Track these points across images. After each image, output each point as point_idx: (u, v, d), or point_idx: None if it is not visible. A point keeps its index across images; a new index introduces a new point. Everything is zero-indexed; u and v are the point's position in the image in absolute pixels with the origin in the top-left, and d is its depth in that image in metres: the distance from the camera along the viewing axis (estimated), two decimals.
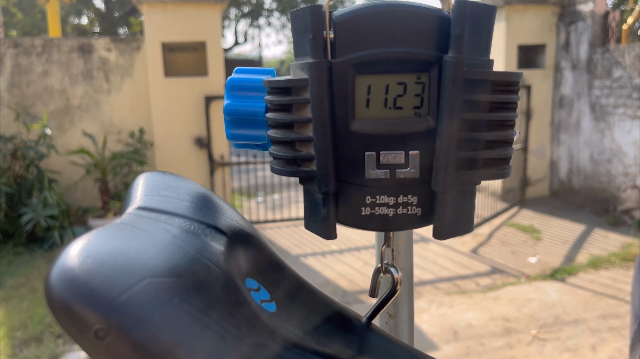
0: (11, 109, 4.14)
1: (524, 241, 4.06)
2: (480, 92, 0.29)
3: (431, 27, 0.28)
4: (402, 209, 0.30)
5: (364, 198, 0.30)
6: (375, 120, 0.29)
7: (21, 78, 4.24)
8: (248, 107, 0.33)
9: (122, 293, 0.20)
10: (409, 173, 0.29)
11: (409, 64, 0.28)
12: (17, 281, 3.12)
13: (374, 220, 0.30)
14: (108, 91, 4.37)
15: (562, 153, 5.04)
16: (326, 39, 0.28)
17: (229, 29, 17.93)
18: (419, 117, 0.29)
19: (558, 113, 5.04)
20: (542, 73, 4.99)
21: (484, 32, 0.29)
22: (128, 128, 4.37)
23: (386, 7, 0.28)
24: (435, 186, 0.29)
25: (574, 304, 2.98)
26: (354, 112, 0.29)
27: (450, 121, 0.28)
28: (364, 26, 0.28)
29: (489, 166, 0.30)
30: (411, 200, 0.30)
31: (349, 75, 0.28)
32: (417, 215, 0.30)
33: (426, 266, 3.62)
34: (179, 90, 4.25)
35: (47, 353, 2.34)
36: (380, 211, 0.30)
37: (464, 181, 0.29)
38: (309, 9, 0.28)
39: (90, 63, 4.32)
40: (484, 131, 0.29)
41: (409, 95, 0.29)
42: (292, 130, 0.30)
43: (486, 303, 3.04)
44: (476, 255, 3.83)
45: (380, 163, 0.29)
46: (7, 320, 2.62)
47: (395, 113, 0.29)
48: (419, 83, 0.29)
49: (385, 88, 0.29)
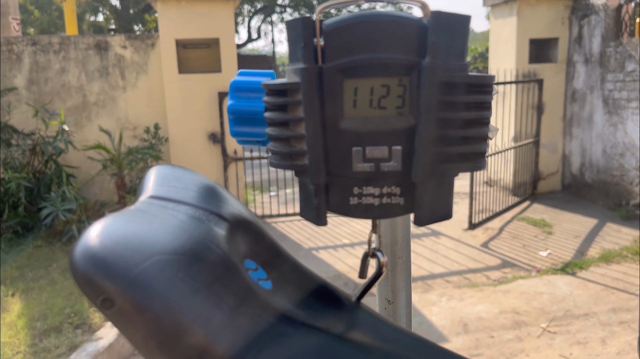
0: (30, 106, 4.24)
1: (535, 236, 4.06)
2: (455, 94, 0.32)
3: (411, 35, 0.31)
4: (387, 199, 0.33)
5: (352, 189, 0.33)
6: (361, 119, 0.32)
7: (39, 75, 4.33)
8: (249, 107, 0.38)
9: (134, 267, 0.23)
10: (392, 167, 0.32)
11: (391, 68, 0.32)
12: (37, 273, 3.21)
13: (361, 209, 0.33)
14: (124, 88, 4.45)
15: (574, 147, 5.02)
16: (317, 46, 0.31)
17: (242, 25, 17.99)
18: (401, 115, 0.32)
19: (570, 107, 5.01)
20: (554, 67, 4.97)
21: (458, 39, 0.32)
22: (143, 124, 4.44)
23: (371, 17, 0.31)
24: (415, 178, 0.32)
25: (585, 298, 2.99)
26: (342, 111, 0.32)
27: (428, 119, 0.31)
28: (351, 34, 0.31)
29: (465, 160, 0.33)
30: (394, 190, 0.33)
31: (337, 78, 0.32)
32: (400, 204, 0.33)
33: (437, 260, 3.65)
34: (192, 87, 4.31)
35: (66, 343, 2.41)
36: (367, 200, 0.33)
37: (441, 174, 0.33)
38: (301, 20, 0.31)
39: (106, 61, 4.40)
40: (459, 128, 0.33)
41: (392, 96, 0.32)
42: (287, 128, 0.34)
43: (496, 296, 3.06)
44: (487, 249, 3.84)
45: (366, 157, 0.32)
46: (27, 311, 2.71)
47: (380, 113, 0.32)
48: (400, 85, 0.32)
49: (371, 90, 0.32)
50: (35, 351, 2.34)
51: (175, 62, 4.26)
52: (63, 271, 3.22)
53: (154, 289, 0.23)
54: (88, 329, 2.54)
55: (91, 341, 2.39)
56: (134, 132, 4.47)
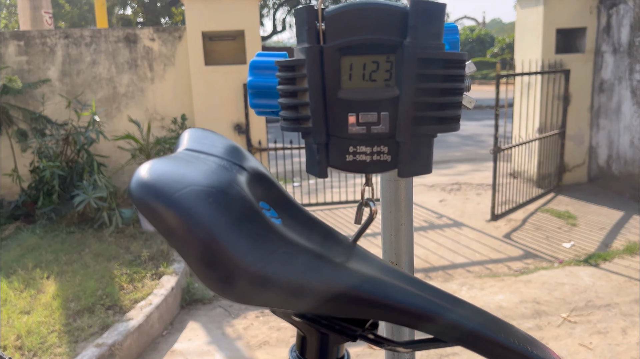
0: (63, 97, 4.39)
1: (559, 227, 4.04)
2: (431, 68, 0.38)
3: (395, 19, 0.37)
4: (376, 156, 0.39)
5: (348, 148, 0.39)
6: (355, 90, 0.38)
7: (71, 67, 4.47)
8: (265, 82, 0.45)
9: (175, 192, 0.30)
10: (380, 129, 0.38)
11: (380, 47, 0.38)
12: (70, 257, 3.35)
13: (355, 164, 0.40)
14: (152, 79, 4.57)
15: (601, 139, 4.95)
16: (319, 30, 0.38)
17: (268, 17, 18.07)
18: (388, 87, 0.38)
19: (598, 98, 4.94)
20: (581, 57, 4.90)
21: (435, 23, 0.37)
22: (171, 115, 4.56)
23: (363, 5, 0.37)
24: (399, 138, 0.38)
25: (607, 289, 2.98)
26: (339, 83, 0.38)
27: (409, 89, 0.37)
28: (347, 19, 0.37)
29: (441, 123, 0.39)
30: (383, 149, 0.39)
31: (336, 56, 0.38)
32: (387, 161, 0.39)
33: (459, 251, 3.67)
34: (218, 78, 4.39)
35: (99, 322, 2.53)
36: (360, 157, 0.40)
37: (421, 134, 0.39)
38: (306, 8, 0.38)
39: (135, 53, 4.52)
40: (436, 96, 0.38)
41: (380, 71, 0.38)
42: (295, 97, 0.40)
43: (517, 286, 3.07)
44: (509, 240, 3.85)
45: (359, 121, 0.38)
46: (61, 292, 2.84)
47: (371, 84, 0.38)
48: (388, 61, 0.38)
49: (363, 66, 0.38)
50: (69, 330, 2.46)
51: (201, 54, 4.35)
52: (95, 255, 3.35)
53: (188, 209, 0.29)
54: (119, 311, 2.66)
55: (122, 322, 2.50)
56: (162, 122, 4.59)
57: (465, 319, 0.34)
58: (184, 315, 2.87)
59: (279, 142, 4.81)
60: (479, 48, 24.07)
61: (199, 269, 0.30)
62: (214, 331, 2.70)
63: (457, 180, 5.73)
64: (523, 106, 4.90)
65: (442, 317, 0.34)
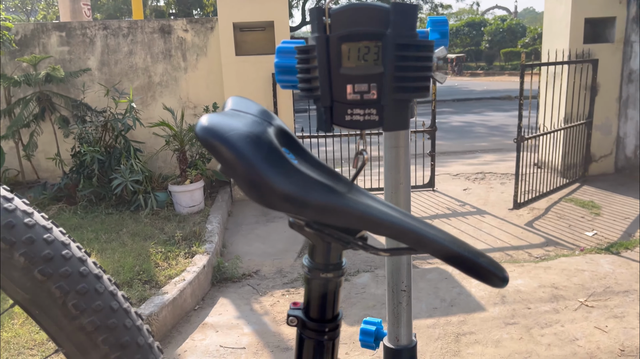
0: (102, 86, 4.61)
1: (582, 216, 4.07)
2: (406, 51, 0.51)
3: (381, 16, 0.51)
4: (367, 116, 0.54)
5: (347, 110, 0.54)
6: (352, 67, 0.52)
7: (109, 57, 4.69)
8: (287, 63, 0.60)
9: (224, 134, 0.43)
10: (370, 96, 0.52)
11: (370, 36, 0.51)
12: (109, 236, 3.57)
13: (352, 122, 0.54)
14: (185, 69, 4.75)
15: (629, 129, 4.93)
16: (325, 23, 0.52)
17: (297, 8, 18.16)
18: (376, 65, 0.52)
19: (626, 88, 4.91)
20: (610, 47, 4.87)
21: (409, 18, 0.51)
22: (203, 103, 4.74)
23: (358, 5, 0.51)
24: (384, 102, 0.52)
25: (627, 276, 3.03)
26: (340, 62, 0.52)
27: (390, 67, 0.51)
28: (346, 16, 0.51)
29: (414, 91, 0.53)
30: (372, 111, 0.53)
31: (337, 42, 0.52)
32: (375, 120, 0.54)
33: (480, 237, 3.75)
34: (248, 68, 4.55)
35: (137, 295, 2.72)
36: (356, 117, 0.54)
37: (399, 99, 0.53)
38: (317, 8, 0.52)
39: (169, 43, 4.70)
40: (410, 72, 0.52)
41: (371, 53, 0.52)
42: (309, 73, 0.55)
43: (536, 272, 3.15)
44: (531, 228, 3.90)
45: (355, 91, 0.53)
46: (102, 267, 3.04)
47: (364, 64, 0.52)
48: (376, 46, 0.51)
49: (358, 50, 0.52)
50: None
51: (232, 44, 4.50)
52: (132, 235, 3.55)
53: (234, 144, 0.43)
54: (155, 285, 2.84)
55: (158, 295, 2.68)
56: (194, 110, 4.78)
57: (430, 234, 0.46)
58: (215, 292, 3.05)
59: (306, 131, 4.94)
60: (509, 38, 23.67)
61: (242, 186, 0.43)
62: (243, 306, 2.87)
63: (482, 169, 5.78)
64: (549, 96, 4.90)
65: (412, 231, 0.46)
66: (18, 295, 0.51)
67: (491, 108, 12.46)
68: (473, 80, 21.60)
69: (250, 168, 0.42)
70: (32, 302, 0.51)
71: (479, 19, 27.43)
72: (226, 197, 4.55)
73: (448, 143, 7.86)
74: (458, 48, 26.72)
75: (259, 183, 0.42)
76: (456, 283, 3.08)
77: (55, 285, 0.51)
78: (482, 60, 25.93)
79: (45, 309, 0.51)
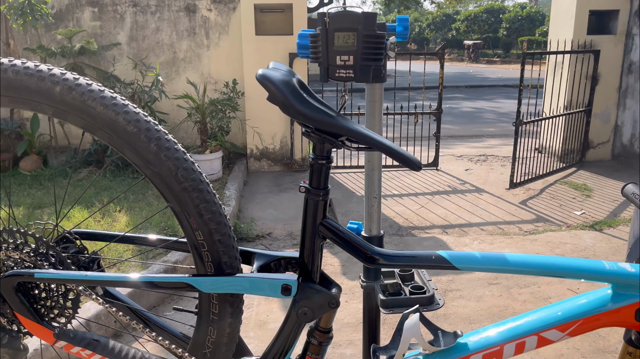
0: (130, 59, 4.94)
1: (574, 197, 4.36)
2: (369, 39, 0.85)
3: (357, 18, 0.85)
4: (349, 75, 0.88)
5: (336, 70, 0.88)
6: (340, 46, 0.87)
7: (138, 33, 5.01)
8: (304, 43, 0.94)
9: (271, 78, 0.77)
10: (349, 62, 0.87)
11: (350, 29, 0.85)
12: (136, 197, 3.93)
13: (340, 77, 0.88)
14: (207, 46, 5.06)
15: (627, 118, 5.17)
16: (326, 21, 0.86)
17: None
18: (353, 45, 0.86)
19: (626, 79, 5.14)
20: (613, 39, 5.09)
21: (372, 21, 0.85)
22: (223, 79, 5.06)
23: (344, 12, 0.85)
24: (356, 66, 0.87)
25: (605, 249, 3.33)
26: (334, 43, 0.86)
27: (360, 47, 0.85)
28: (338, 17, 0.85)
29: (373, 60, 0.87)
30: (350, 71, 0.88)
31: (332, 32, 0.86)
32: (352, 76, 0.88)
33: (476, 212, 4.05)
34: (267, 47, 4.84)
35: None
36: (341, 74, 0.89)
37: (365, 65, 0.87)
38: (322, 13, 0.85)
39: (194, 22, 5.01)
40: (370, 50, 0.86)
41: (350, 39, 0.86)
42: (316, 49, 0.89)
43: (524, 243, 3.45)
44: (525, 206, 4.20)
45: (342, 59, 0.87)
46: (131, 223, 3.40)
47: (347, 45, 0.86)
48: (353, 35, 0.85)
49: (343, 37, 0.86)
50: (140, 250, 3.02)
51: (253, 24, 4.80)
52: (157, 196, 3.91)
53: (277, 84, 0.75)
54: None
55: None
56: (215, 86, 5.10)
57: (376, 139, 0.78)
58: None
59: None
60: (528, 26, 23.56)
61: (279, 106, 0.76)
62: None
63: (485, 152, 6.05)
64: (553, 84, 5.15)
65: (368, 136, 0.78)
66: (148, 170, 0.84)
67: (503, 96, 12.64)
68: (489, 67, 21.65)
69: (284, 97, 0.75)
70: (156, 175, 0.84)
71: (498, 5, 27.27)
72: (242, 168, 4.89)
73: (457, 127, 8.12)
74: (475, 35, 26.65)
75: (288, 105, 0.76)
76: (449, 249, 3.40)
77: (172, 162, 0.84)
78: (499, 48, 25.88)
79: (164, 178, 0.84)
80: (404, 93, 8.31)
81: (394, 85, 5.10)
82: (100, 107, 0.83)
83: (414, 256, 0.87)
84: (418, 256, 0.86)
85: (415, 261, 0.86)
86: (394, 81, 5.19)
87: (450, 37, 28.12)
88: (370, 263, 0.86)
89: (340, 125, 0.77)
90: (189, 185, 0.84)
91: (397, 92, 5.17)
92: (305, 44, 0.99)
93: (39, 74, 0.83)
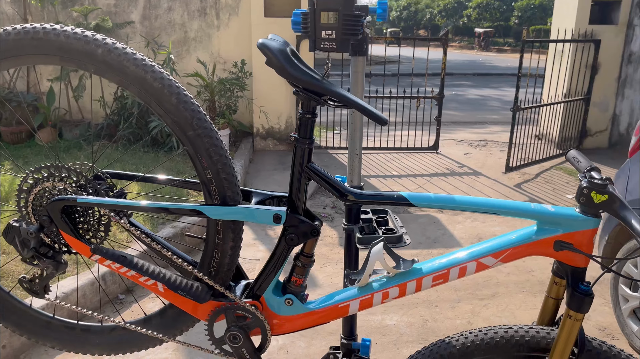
0: (143, 37, 5.11)
1: (567, 182, 4.51)
2: (347, 17, 1.04)
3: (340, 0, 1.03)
4: (332, 46, 1.07)
5: (322, 42, 1.08)
6: (325, 23, 1.05)
7: (150, 12, 5.17)
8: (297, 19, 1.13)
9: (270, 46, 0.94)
10: (332, 36, 1.06)
11: (333, 9, 1.04)
12: (147, 169, 4.12)
13: (324, 48, 1.07)
14: (217, 27, 5.22)
15: (624, 107, 5.29)
16: (314, 2, 1.04)
17: None
18: (336, 22, 1.04)
19: (626, 69, 5.24)
20: (614, 29, 5.19)
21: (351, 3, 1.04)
22: (232, 59, 5.22)
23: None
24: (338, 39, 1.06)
25: None
26: (320, 20, 1.05)
27: (340, 23, 1.04)
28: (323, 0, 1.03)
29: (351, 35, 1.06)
30: (332, 43, 1.07)
31: (318, 11, 1.05)
32: (334, 47, 1.06)
33: (471, 193, 4.22)
34: (275, 29, 4.98)
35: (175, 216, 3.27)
36: (326, 45, 1.08)
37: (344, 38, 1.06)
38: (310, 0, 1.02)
39: (205, 2, 5.16)
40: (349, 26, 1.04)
41: (332, 17, 1.04)
42: (307, 25, 1.08)
43: (514, 222, 3.62)
44: (519, 189, 4.36)
45: (326, 33, 1.06)
46: (144, 191, 3.60)
47: (331, 21, 1.05)
48: (335, 14, 1.04)
49: (327, 15, 1.04)
50: (151, 216, 3.22)
51: (262, 6, 4.94)
52: (166, 169, 4.10)
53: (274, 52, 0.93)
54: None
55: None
56: (224, 65, 5.26)
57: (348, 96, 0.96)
58: None
59: None
60: (540, 15, 23.40)
61: (276, 69, 0.93)
62: (259, 231, 3.41)
63: (485, 137, 6.20)
64: (552, 72, 5.27)
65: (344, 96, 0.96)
66: (169, 119, 1.02)
67: (510, 84, 12.68)
68: (499, 56, 21.58)
69: (279, 61, 0.93)
70: (175, 122, 1.02)
71: None
72: (248, 146, 5.07)
73: (461, 114, 8.24)
74: (487, 22, 26.50)
75: (282, 68, 0.94)
76: (442, 226, 3.58)
77: (188, 113, 1.01)
78: (510, 37, 25.73)
79: (182, 126, 1.01)
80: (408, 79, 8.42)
81: (397, 71, 5.23)
82: (133, 66, 1.01)
83: (380, 196, 1.05)
84: (384, 196, 1.03)
85: (381, 199, 1.04)
86: (397, 67, 5.32)
87: (461, 25, 27.97)
88: (344, 199, 1.04)
89: (323, 86, 0.94)
90: (201, 132, 1.01)
91: (402, 78, 5.31)
92: (298, 21, 1.15)
93: (84, 38, 1.00)
